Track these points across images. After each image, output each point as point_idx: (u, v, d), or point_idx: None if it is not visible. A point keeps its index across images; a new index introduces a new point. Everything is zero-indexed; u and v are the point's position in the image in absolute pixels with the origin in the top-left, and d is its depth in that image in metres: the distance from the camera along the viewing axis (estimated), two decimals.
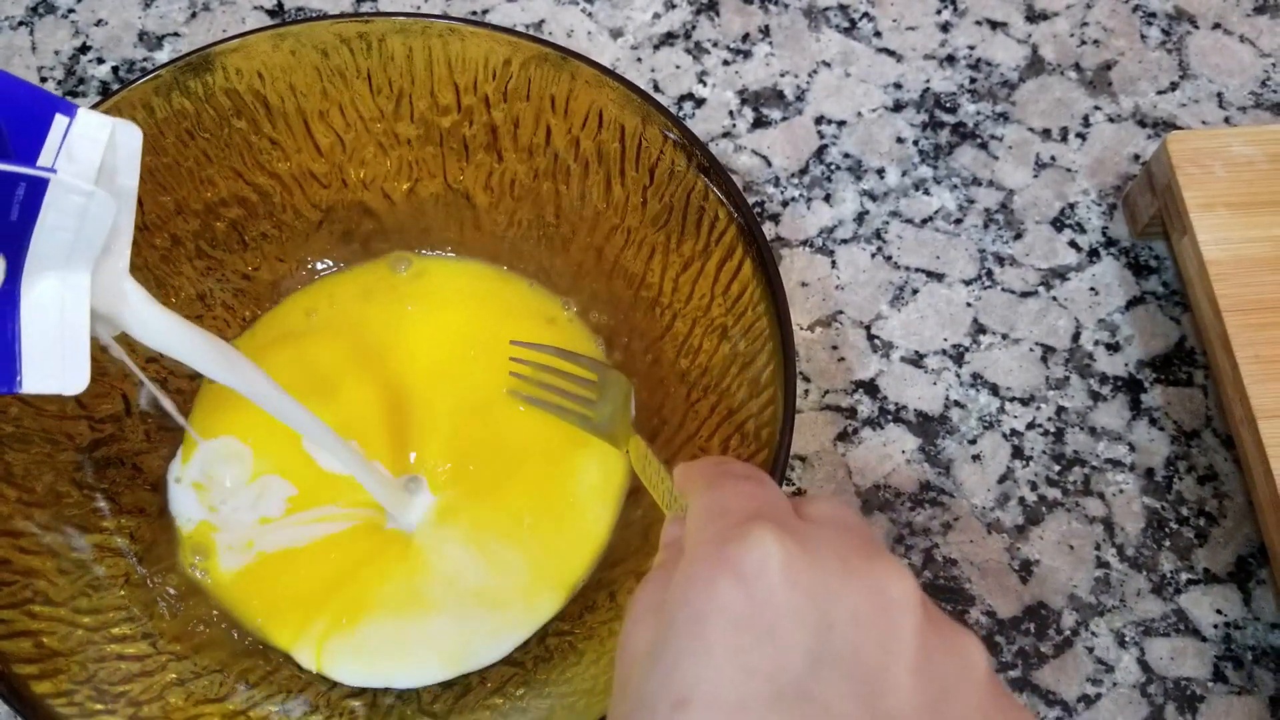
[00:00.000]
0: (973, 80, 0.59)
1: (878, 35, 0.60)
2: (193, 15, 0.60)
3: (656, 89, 0.59)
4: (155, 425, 0.48)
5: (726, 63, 0.59)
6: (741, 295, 0.44)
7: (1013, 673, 0.46)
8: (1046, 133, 0.58)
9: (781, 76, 0.59)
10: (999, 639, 0.47)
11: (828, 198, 0.56)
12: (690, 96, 0.59)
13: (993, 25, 0.61)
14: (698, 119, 0.58)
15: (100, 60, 0.59)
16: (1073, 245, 0.55)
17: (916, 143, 0.58)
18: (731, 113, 0.58)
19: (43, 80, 0.58)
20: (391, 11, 0.48)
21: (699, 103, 0.58)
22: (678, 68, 0.59)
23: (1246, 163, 0.52)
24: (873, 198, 0.56)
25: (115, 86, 0.58)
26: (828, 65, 0.60)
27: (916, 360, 0.53)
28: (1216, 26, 0.61)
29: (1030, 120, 0.58)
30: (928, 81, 0.59)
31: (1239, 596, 0.48)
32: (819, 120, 0.58)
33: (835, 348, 0.53)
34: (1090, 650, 0.47)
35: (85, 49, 0.59)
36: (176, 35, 0.60)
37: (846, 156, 0.57)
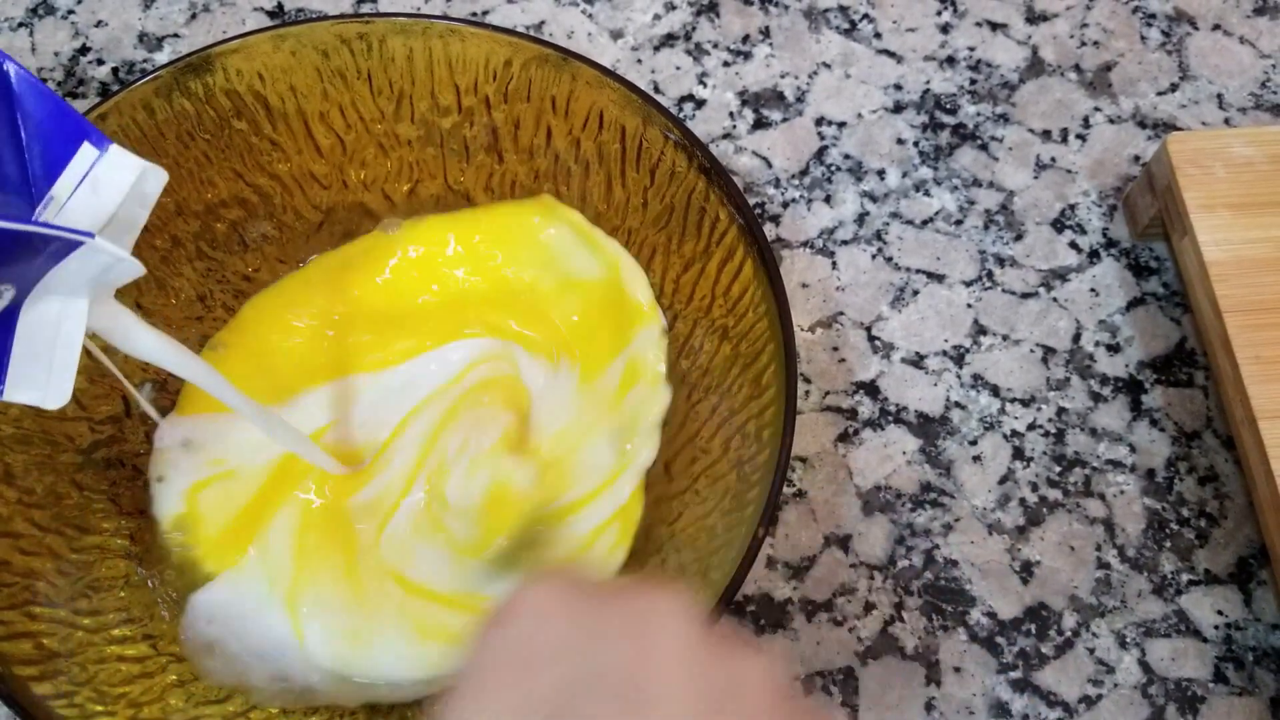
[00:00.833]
0: (973, 81, 0.59)
1: (878, 36, 0.60)
2: (193, 16, 0.60)
3: (657, 90, 0.59)
4: (155, 427, 0.48)
5: (727, 64, 0.59)
6: (742, 296, 0.44)
7: (1013, 674, 0.46)
8: (1047, 134, 0.58)
9: (782, 78, 0.59)
10: (1000, 640, 0.47)
11: (828, 199, 0.56)
12: (690, 98, 0.59)
13: (993, 27, 0.61)
14: (698, 120, 0.58)
15: (100, 61, 0.59)
16: (1073, 246, 0.55)
17: (917, 144, 0.58)
18: (732, 114, 0.58)
19: (43, 81, 0.58)
20: (392, 12, 0.48)
21: (699, 104, 0.58)
22: (678, 69, 0.59)
23: (1247, 164, 0.52)
24: (873, 199, 0.56)
25: (115, 88, 0.58)
26: (828, 66, 0.60)
27: (917, 361, 0.52)
28: (1216, 28, 0.61)
29: (1030, 121, 0.58)
30: (928, 83, 0.59)
31: (1240, 597, 0.48)
32: (819, 121, 0.58)
33: (836, 349, 0.53)
34: (1091, 651, 0.47)
35: (85, 50, 0.59)
36: (176, 36, 0.60)
37: (847, 158, 0.57)
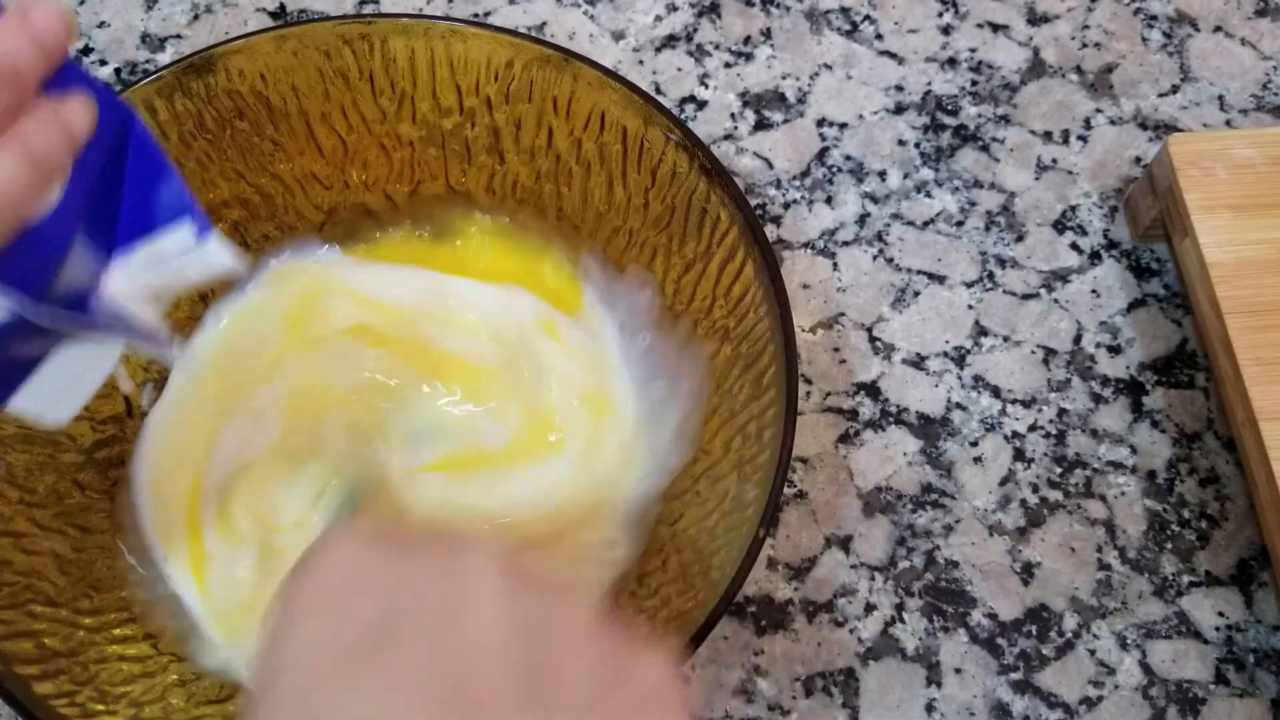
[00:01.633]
0: (974, 83, 0.59)
1: (879, 38, 0.60)
2: (195, 17, 0.61)
3: (658, 91, 0.59)
4: None
5: (728, 65, 0.60)
6: (743, 297, 0.44)
7: (1014, 675, 0.46)
8: (1048, 135, 0.58)
9: (783, 79, 0.59)
10: (1000, 641, 0.47)
11: (829, 200, 0.56)
12: (692, 99, 0.59)
13: (994, 28, 0.61)
14: (699, 121, 0.58)
15: (103, 62, 0.59)
16: (1074, 248, 0.55)
17: (918, 145, 0.58)
18: (733, 115, 0.58)
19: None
20: (394, 13, 0.48)
21: (700, 105, 0.58)
22: (679, 70, 0.59)
23: (1248, 165, 0.52)
24: (874, 200, 0.56)
25: (117, 88, 0.58)
26: (829, 68, 0.60)
27: (918, 362, 0.53)
28: (1218, 29, 0.61)
29: (1031, 123, 0.58)
30: (929, 84, 0.59)
31: (1241, 599, 0.48)
32: (820, 122, 0.58)
33: (837, 350, 0.53)
34: (1092, 652, 0.47)
35: (88, 51, 0.59)
36: (179, 37, 0.60)
37: (848, 159, 0.57)
